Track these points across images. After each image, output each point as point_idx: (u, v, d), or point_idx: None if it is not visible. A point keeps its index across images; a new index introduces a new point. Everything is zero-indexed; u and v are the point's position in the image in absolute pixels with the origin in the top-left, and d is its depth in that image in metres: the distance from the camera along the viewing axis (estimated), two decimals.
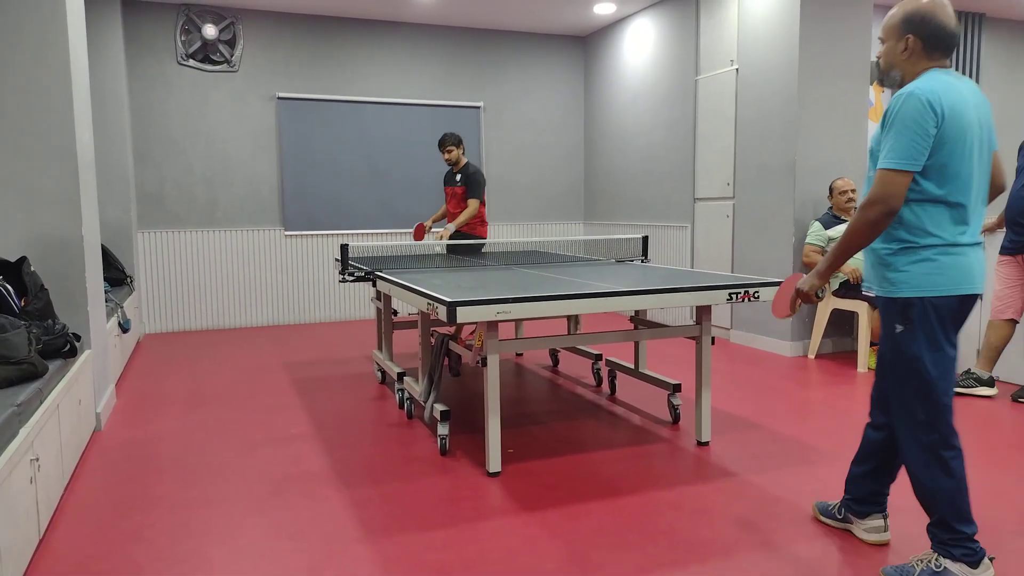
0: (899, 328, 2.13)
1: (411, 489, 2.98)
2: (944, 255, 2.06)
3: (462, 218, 5.23)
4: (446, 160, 5.42)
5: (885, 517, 2.46)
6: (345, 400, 4.34)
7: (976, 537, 2.28)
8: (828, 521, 2.59)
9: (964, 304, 2.11)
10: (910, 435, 2.17)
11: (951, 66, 2.11)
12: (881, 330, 2.23)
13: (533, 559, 2.38)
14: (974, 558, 2.08)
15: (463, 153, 5.41)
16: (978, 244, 2.11)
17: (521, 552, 2.43)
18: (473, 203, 5.31)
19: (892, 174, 2.00)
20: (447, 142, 5.35)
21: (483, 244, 5.60)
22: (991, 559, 2.12)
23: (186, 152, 6.75)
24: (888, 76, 2.15)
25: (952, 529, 2.11)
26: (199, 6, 6.62)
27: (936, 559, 2.12)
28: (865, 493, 2.45)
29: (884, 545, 2.44)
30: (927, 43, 2.05)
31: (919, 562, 2.15)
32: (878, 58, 2.16)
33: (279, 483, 3.07)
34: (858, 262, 4.92)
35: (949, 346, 2.10)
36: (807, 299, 2.29)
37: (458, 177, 5.42)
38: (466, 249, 5.42)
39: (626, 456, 3.33)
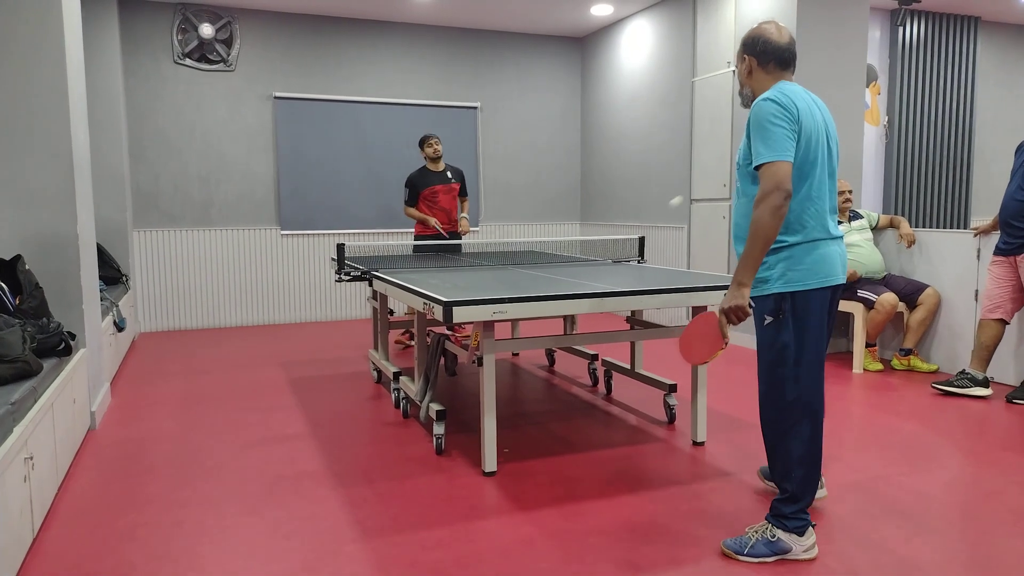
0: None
1: (406, 488, 2.97)
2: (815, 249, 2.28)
3: (466, 210, 5.73)
4: (432, 154, 5.51)
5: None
6: (341, 399, 4.34)
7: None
8: (772, 484, 2.77)
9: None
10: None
11: (793, 77, 2.37)
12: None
13: (528, 559, 2.38)
14: (803, 527, 2.33)
15: None
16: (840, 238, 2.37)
17: (516, 552, 2.43)
18: (467, 201, 5.76)
19: (771, 165, 2.13)
20: (435, 136, 5.58)
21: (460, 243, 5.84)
22: (812, 525, 2.35)
23: (182, 151, 6.73)
24: (742, 94, 2.43)
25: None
26: (196, 5, 6.61)
27: (769, 529, 2.34)
28: None
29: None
30: (761, 60, 2.31)
31: (754, 532, 2.35)
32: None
33: (274, 482, 3.06)
34: (852, 263, 4.93)
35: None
36: (741, 314, 2.20)
37: (449, 174, 5.59)
38: (456, 248, 5.61)
39: (622, 456, 3.33)
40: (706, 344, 2.28)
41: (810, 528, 2.34)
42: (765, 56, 2.30)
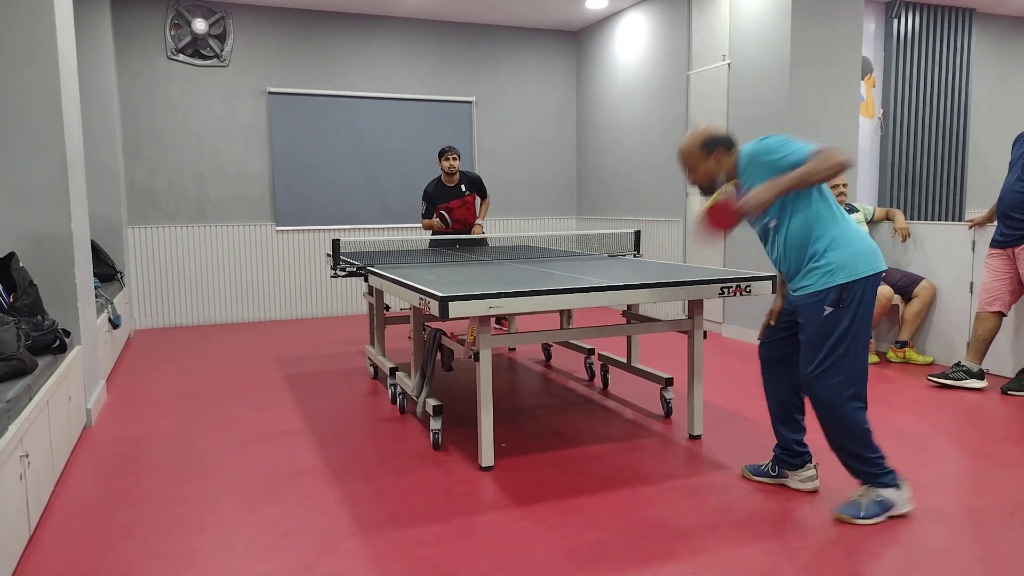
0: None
1: (404, 484, 2.97)
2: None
3: (486, 212, 5.77)
4: (449, 168, 5.46)
5: (815, 466, 2.86)
6: (337, 395, 4.33)
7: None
8: (762, 479, 2.92)
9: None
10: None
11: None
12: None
13: (526, 553, 2.38)
14: (896, 480, 2.58)
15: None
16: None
17: (514, 546, 2.43)
18: (487, 201, 5.79)
19: (823, 148, 2.46)
20: (454, 149, 5.50)
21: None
22: (903, 480, 2.58)
23: (176, 147, 6.71)
24: (715, 184, 2.73)
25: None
26: (189, 0, 6.57)
27: (873, 490, 2.56)
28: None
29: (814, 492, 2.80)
30: (727, 147, 2.69)
31: (861, 496, 2.56)
32: (695, 183, 2.78)
33: (271, 479, 3.06)
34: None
35: None
36: (760, 209, 2.56)
37: (463, 187, 5.57)
38: (478, 242, 5.68)
39: (618, 450, 3.33)
40: (726, 216, 2.64)
41: (904, 482, 2.58)
42: (727, 143, 2.69)
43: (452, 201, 5.57)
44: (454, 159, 5.48)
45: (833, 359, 2.50)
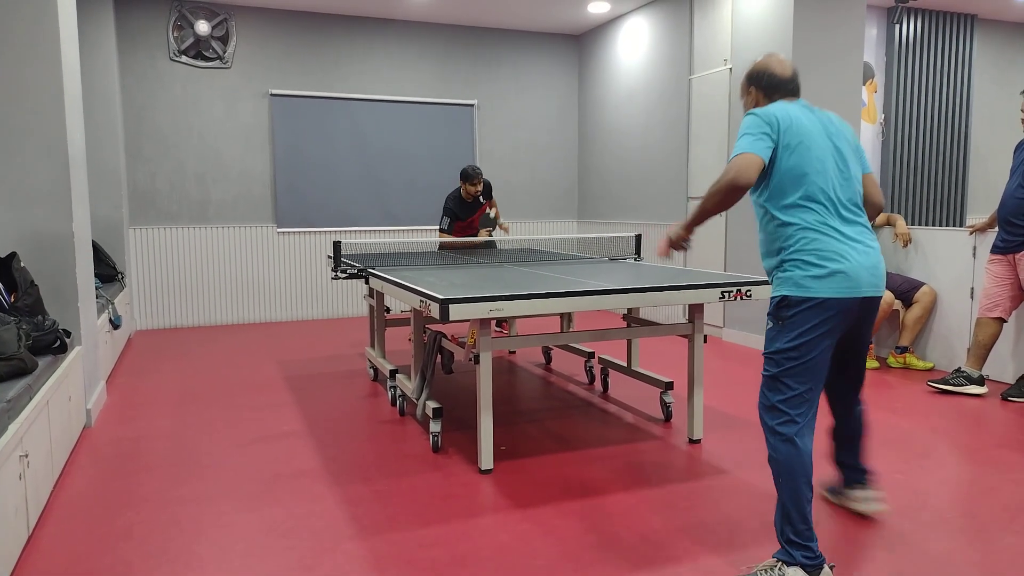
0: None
1: (403, 486, 2.97)
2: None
3: (497, 211, 5.90)
4: (472, 192, 5.55)
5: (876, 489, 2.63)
6: (337, 397, 4.33)
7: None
8: (831, 498, 2.73)
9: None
10: None
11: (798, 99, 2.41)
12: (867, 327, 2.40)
13: (525, 556, 2.38)
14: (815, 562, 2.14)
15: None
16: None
17: (513, 549, 2.43)
18: (494, 200, 5.84)
19: (736, 157, 2.19)
20: (479, 175, 5.53)
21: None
22: (831, 567, 2.17)
23: (178, 148, 6.72)
24: None
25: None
26: (192, 2, 6.59)
27: (779, 568, 2.14)
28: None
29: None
30: (766, 91, 2.40)
31: (762, 571, 2.16)
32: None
33: (271, 480, 3.06)
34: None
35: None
36: (677, 246, 2.43)
37: (481, 198, 5.69)
38: (488, 245, 5.78)
39: (618, 453, 3.33)
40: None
41: (829, 570, 2.16)
42: (771, 89, 2.39)
43: (474, 215, 5.70)
44: (480, 185, 5.57)
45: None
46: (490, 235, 5.81)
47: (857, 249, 2.21)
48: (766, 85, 2.39)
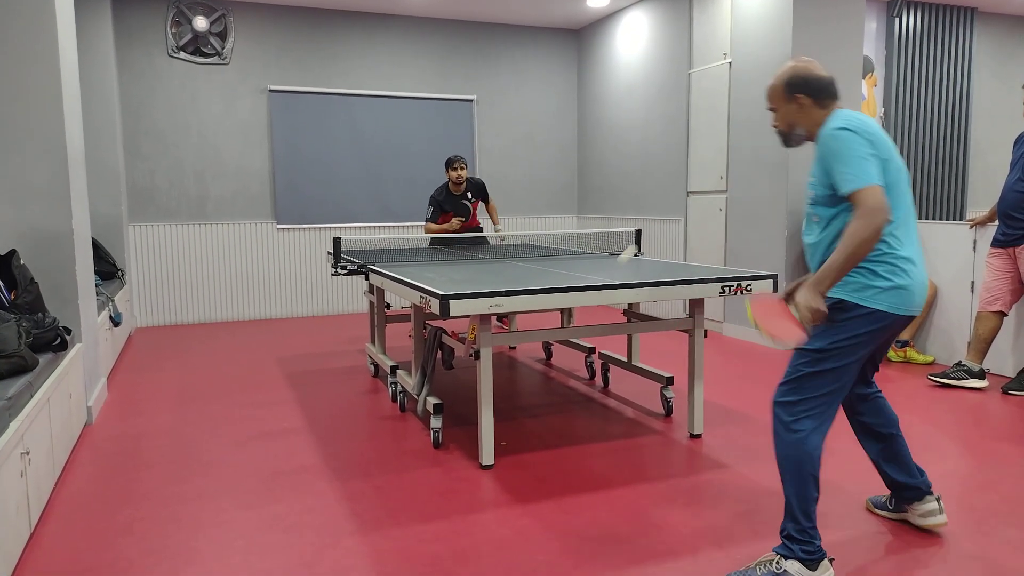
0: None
1: (404, 482, 2.98)
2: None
3: (497, 215, 5.85)
4: (456, 177, 5.45)
5: (938, 499, 2.48)
6: (338, 393, 4.34)
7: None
8: (883, 513, 2.61)
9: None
10: None
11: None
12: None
13: (526, 551, 2.38)
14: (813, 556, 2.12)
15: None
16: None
17: (514, 544, 2.43)
18: (492, 204, 5.81)
19: (866, 190, 2.02)
20: (462, 159, 5.47)
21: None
22: (830, 560, 2.16)
23: (177, 145, 6.71)
24: (793, 135, 2.31)
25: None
26: None
27: (777, 561, 2.14)
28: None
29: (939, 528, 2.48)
30: (816, 96, 2.24)
31: (760, 565, 2.15)
32: (775, 127, 2.33)
33: (271, 477, 3.06)
34: None
35: None
36: (820, 317, 2.10)
37: (469, 195, 5.59)
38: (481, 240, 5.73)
39: (619, 448, 3.33)
40: (789, 327, 2.16)
41: (828, 563, 2.16)
42: (821, 94, 2.24)
43: (462, 212, 5.62)
44: (461, 169, 5.45)
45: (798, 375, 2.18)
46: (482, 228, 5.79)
47: (919, 268, 2.16)
48: (815, 90, 2.23)
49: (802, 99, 2.25)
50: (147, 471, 3.15)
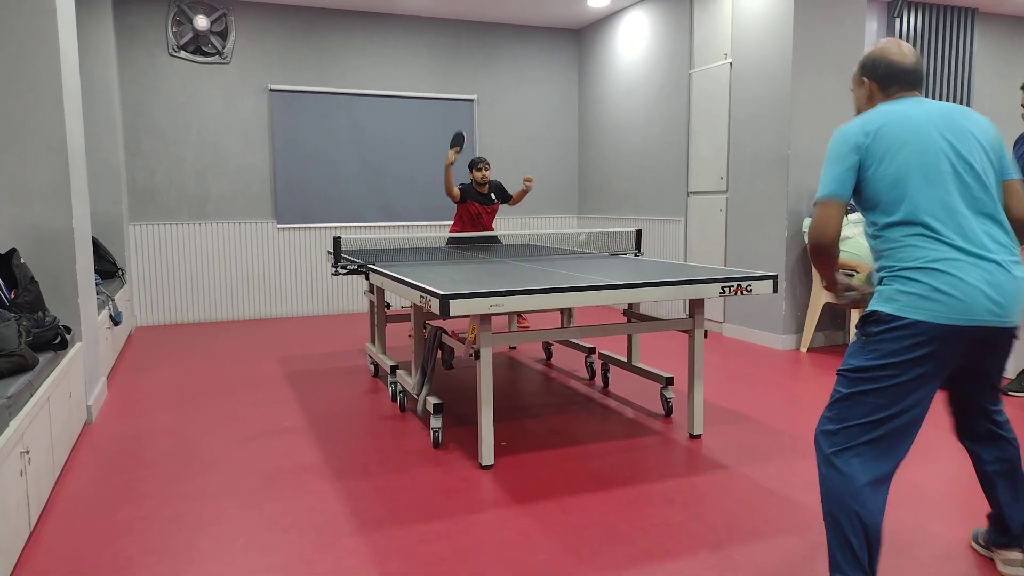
0: None
1: (404, 481, 2.98)
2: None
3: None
4: (481, 178, 5.59)
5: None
6: (338, 393, 4.34)
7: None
8: (974, 546, 2.37)
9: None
10: None
11: (919, 93, 2.08)
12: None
13: (525, 551, 2.38)
14: None
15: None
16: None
17: (514, 544, 2.43)
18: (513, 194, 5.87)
19: (818, 204, 1.98)
20: (486, 161, 5.62)
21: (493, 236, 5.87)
22: None
23: (177, 144, 6.71)
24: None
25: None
26: None
27: None
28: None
29: None
30: (882, 82, 2.07)
31: None
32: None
33: (271, 476, 3.06)
34: (851, 255, 4.94)
35: None
36: (852, 301, 2.12)
37: (493, 196, 5.70)
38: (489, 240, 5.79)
39: (619, 449, 3.33)
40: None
41: None
42: (888, 79, 2.06)
43: (483, 207, 5.70)
44: (486, 170, 5.62)
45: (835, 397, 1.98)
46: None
47: (980, 267, 1.82)
48: (883, 75, 2.06)
49: (867, 83, 2.11)
50: (147, 470, 3.15)
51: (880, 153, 1.93)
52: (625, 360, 4.22)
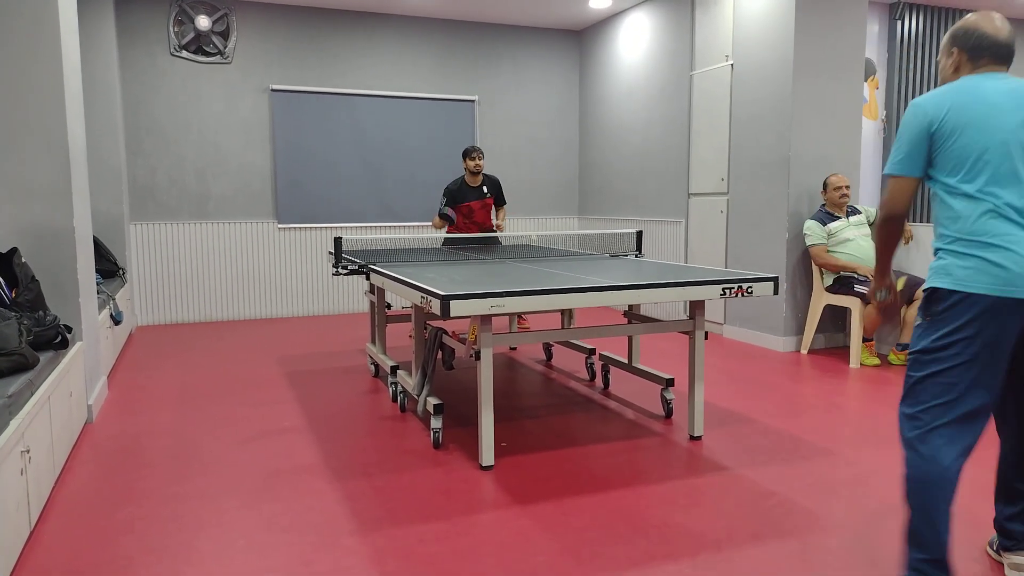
0: None
1: (404, 482, 2.98)
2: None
3: (503, 218, 5.87)
4: (475, 167, 5.57)
5: None
6: (338, 393, 4.34)
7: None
8: (988, 552, 2.35)
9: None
10: None
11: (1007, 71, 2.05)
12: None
13: (525, 552, 2.38)
14: None
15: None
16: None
17: (513, 545, 2.43)
18: (504, 208, 5.87)
19: (888, 182, 2.05)
20: (479, 149, 5.59)
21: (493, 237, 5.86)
22: None
23: (179, 144, 6.71)
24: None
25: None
26: None
27: None
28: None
29: None
30: (971, 53, 2.03)
31: None
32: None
33: (271, 476, 3.06)
34: (851, 257, 4.94)
35: None
36: (888, 312, 2.19)
37: (485, 188, 5.67)
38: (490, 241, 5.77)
39: (619, 450, 3.33)
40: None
41: None
42: (978, 50, 2.01)
43: (474, 202, 5.66)
44: (479, 159, 5.60)
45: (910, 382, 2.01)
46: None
47: None
48: (973, 46, 2.01)
49: (955, 53, 2.05)
50: (147, 470, 3.15)
51: (950, 129, 1.93)
52: (625, 361, 4.21)
